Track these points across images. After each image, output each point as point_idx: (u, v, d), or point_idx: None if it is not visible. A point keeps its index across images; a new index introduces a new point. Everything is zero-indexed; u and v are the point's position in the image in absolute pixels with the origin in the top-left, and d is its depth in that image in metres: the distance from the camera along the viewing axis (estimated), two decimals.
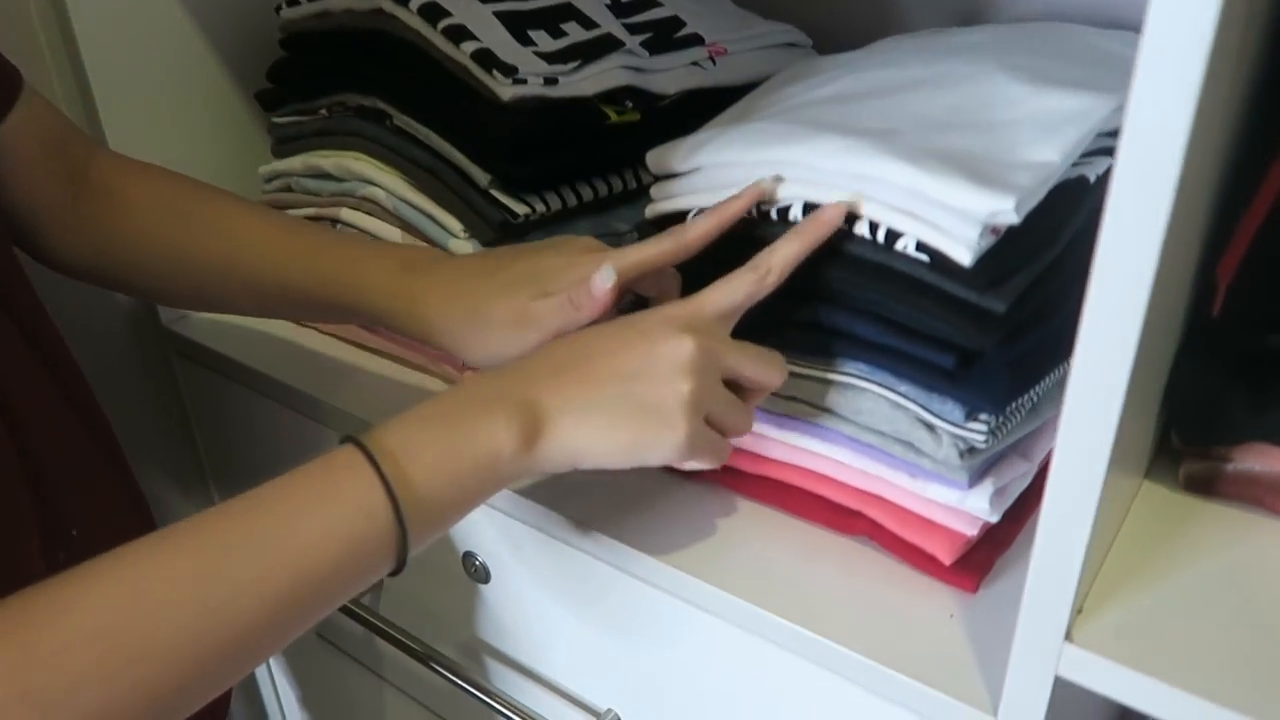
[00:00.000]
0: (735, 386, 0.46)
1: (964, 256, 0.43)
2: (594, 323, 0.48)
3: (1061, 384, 0.50)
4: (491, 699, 0.60)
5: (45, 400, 0.49)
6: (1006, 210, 0.42)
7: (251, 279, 0.56)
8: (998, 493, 0.47)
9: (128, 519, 0.56)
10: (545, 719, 0.59)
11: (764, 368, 0.47)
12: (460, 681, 0.61)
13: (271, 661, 0.91)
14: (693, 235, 0.49)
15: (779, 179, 0.48)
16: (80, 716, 0.33)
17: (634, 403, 0.43)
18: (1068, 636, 0.37)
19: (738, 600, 0.47)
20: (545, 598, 0.58)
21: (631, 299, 0.53)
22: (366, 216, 0.66)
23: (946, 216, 0.43)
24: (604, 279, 0.47)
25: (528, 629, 0.61)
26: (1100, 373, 0.32)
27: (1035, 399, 0.48)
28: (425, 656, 0.62)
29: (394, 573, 0.41)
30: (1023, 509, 0.50)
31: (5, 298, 0.49)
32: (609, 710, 0.59)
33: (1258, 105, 0.42)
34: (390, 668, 0.75)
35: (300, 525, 0.38)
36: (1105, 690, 0.37)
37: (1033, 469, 0.50)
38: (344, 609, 0.67)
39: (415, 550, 0.41)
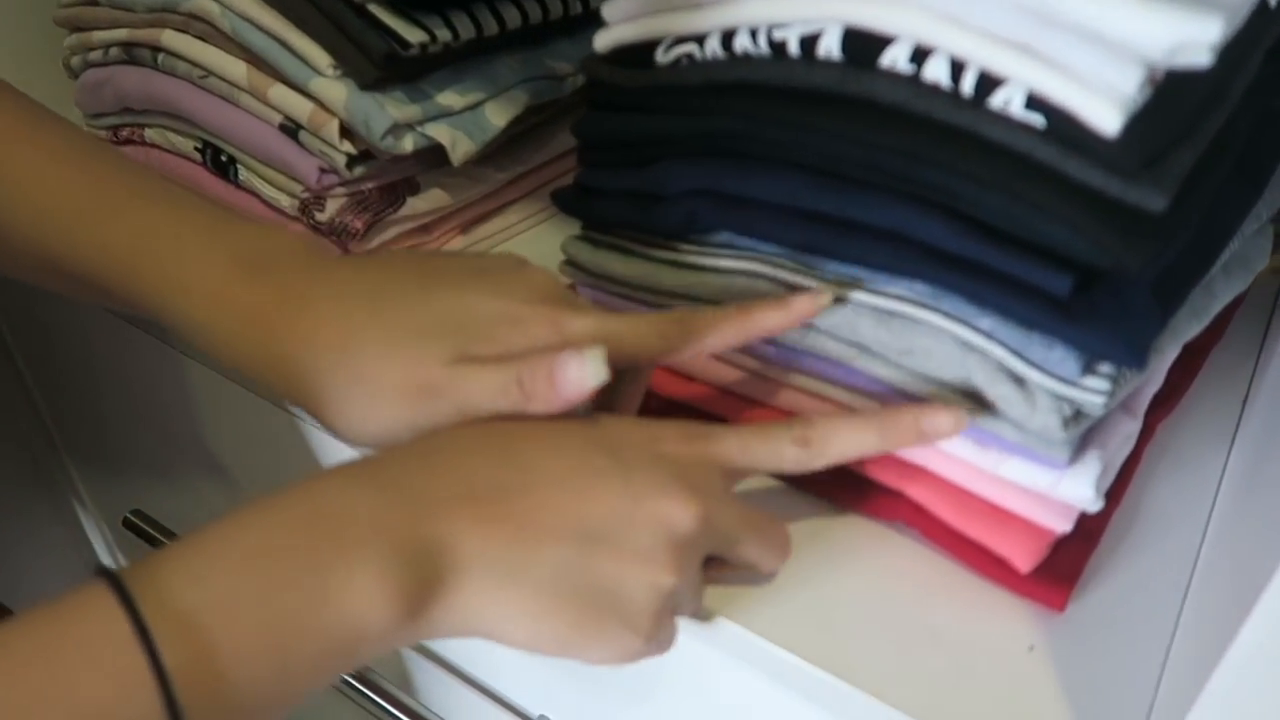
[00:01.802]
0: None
1: (1111, 120, 0.26)
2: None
3: (1186, 304, 0.35)
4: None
5: None
6: (1203, 43, 0.25)
7: (7, 235, 0.35)
8: (1105, 472, 0.32)
9: None
10: None
11: (769, 552, 0.32)
12: (389, 701, 0.46)
13: None
14: (712, 339, 0.32)
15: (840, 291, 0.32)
16: None
17: (588, 581, 0.27)
18: None
19: (726, 622, 0.33)
20: None
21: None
22: (197, 42, 0.46)
23: (1085, 51, 0.27)
24: (590, 373, 0.29)
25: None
26: None
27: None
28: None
29: None
30: (1119, 484, 0.36)
31: None
32: (541, 716, 0.45)
33: None
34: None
35: None
36: None
37: (1138, 426, 0.35)
38: None
39: None
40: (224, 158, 0.49)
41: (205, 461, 0.56)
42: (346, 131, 0.44)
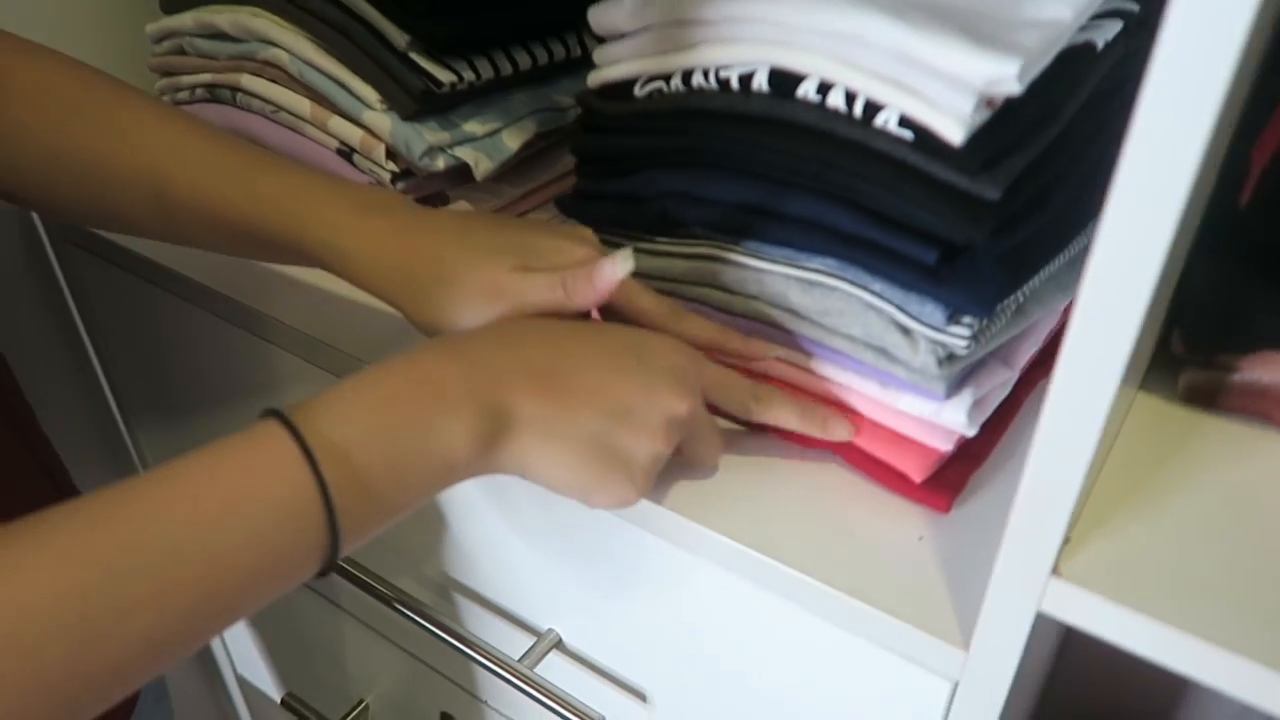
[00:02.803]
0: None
1: (955, 134, 0.37)
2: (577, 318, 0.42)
3: (1053, 280, 0.45)
4: (448, 635, 0.55)
5: None
6: (1008, 77, 0.35)
7: (167, 195, 0.46)
8: (976, 404, 0.42)
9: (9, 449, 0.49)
10: (488, 643, 0.55)
11: (714, 450, 0.44)
12: (424, 622, 0.56)
13: None
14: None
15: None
16: None
17: (609, 444, 0.38)
18: (1054, 570, 0.33)
19: (685, 521, 0.42)
20: (495, 521, 0.53)
21: None
22: (270, 84, 0.58)
23: (936, 85, 0.37)
24: (617, 268, 0.41)
25: (479, 555, 0.56)
26: (1124, 271, 0.26)
27: (1022, 299, 0.42)
28: (388, 598, 0.57)
29: (318, 576, 0.35)
30: (1000, 421, 0.45)
31: None
32: (550, 630, 0.55)
33: None
34: (348, 599, 0.70)
35: (215, 532, 0.31)
36: (1093, 628, 0.33)
37: (1014, 377, 0.45)
38: None
39: (343, 556, 0.35)
40: None
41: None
42: (391, 154, 0.55)
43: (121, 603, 0.30)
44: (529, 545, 0.52)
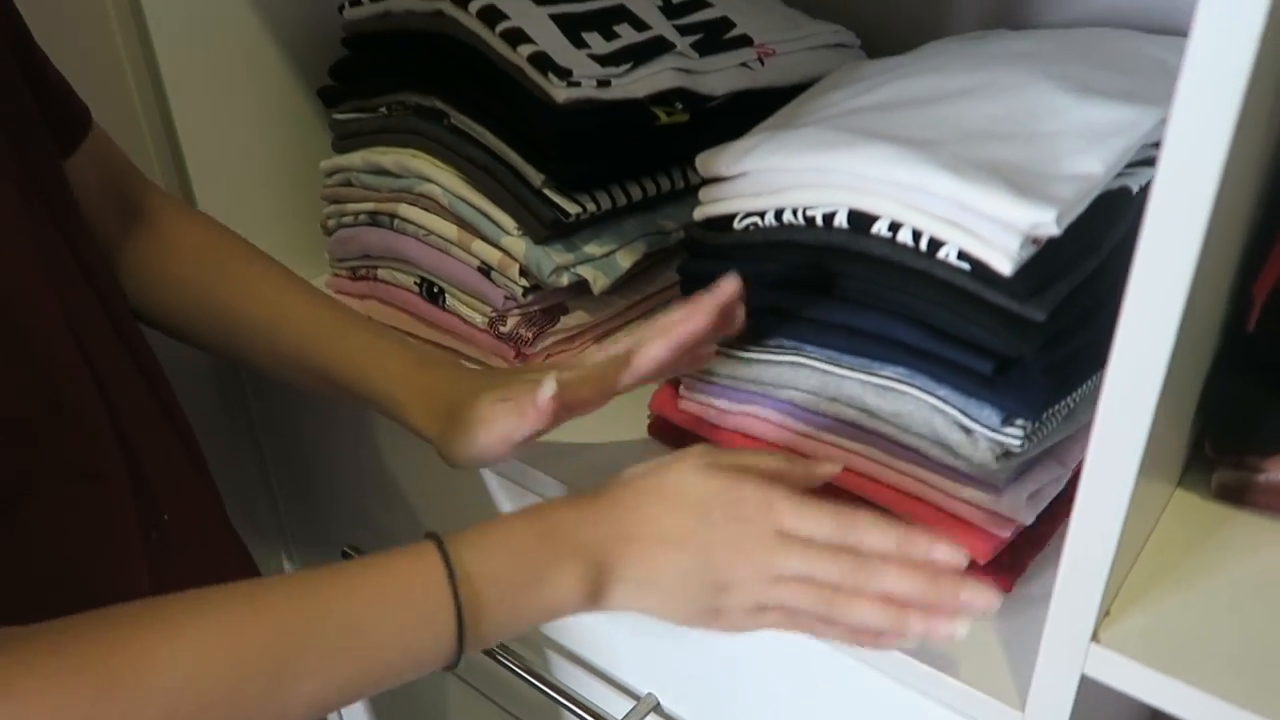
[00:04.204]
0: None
1: (1004, 266, 0.44)
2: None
3: (1098, 391, 0.51)
4: (548, 688, 0.62)
5: (141, 402, 0.53)
6: (1047, 222, 0.43)
7: (279, 345, 0.59)
8: (1032, 496, 0.48)
9: (208, 512, 0.59)
10: (592, 702, 0.62)
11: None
12: (525, 674, 0.63)
13: None
14: (643, 365, 0.51)
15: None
16: None
17: (691, 588, 0.44)
18: (1094, 637, 0.38)
19: None
20: None
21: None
22: (424, 212, 0.69)
23: (988, 226, 0.44)
24: (546, 390, 0.49)
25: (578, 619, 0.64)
26: (1134, 381, 0.33)
27: (1071, 405, 0.49)
28: (493, 652, 0.65)
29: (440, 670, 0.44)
30: (1057, 512, 0.51)
31: (115, 318, 0.53)
32: (649, 694, 0.61)
33: None
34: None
35: (373, 625, 0.41)
36: (1129, 690, 0.38)
37: (1067, 474, 0.51)
38: None
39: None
40: (436, 289, 0.70)
41: (399, 505, 0.75)
42: (523, 272, 0.65)
43: (300, 666, 0.39)
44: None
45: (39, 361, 0.45)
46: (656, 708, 0.61)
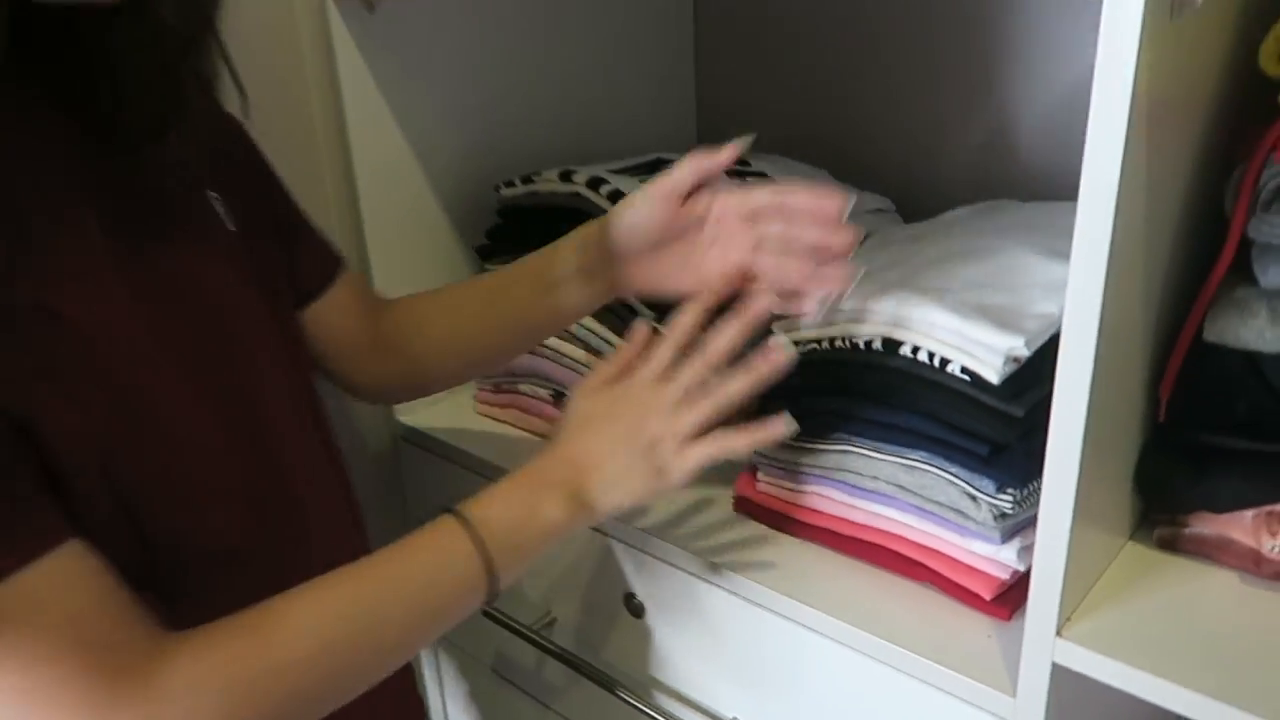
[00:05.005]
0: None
1: (993, 377, 0.63)
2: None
3: None
4: (652, 710, 0.79)
5: (327, 479, 0.69)
6: (1019, 346, 0.61)
7: (517, 318, 0.78)
8: (1024, 548, 0.65)
9: (350, 534, 0.74)
10: None
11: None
12: (645, 708, 0.80)
13: (446, 695, 1.11)
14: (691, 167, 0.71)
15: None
16: (270, 702, 0.50)
17: (638, 469, 0.63)
18: (1059, 633, 0.55)
19: (837, 621, 0.66)
20: (689, 625, 0.78)
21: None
22: (559, 340, 0.90)
23: (981, 350, 0.63)
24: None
25: (670, 652, 0.80)
26: (1062, 462, 0.51)
27: None
28: (612, 683, 0.81)
29: (485, 603, 0.60)
30: None
31: (312, 402, 0.70)
32: (734, 718, 0.77)
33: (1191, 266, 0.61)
34: (557, 697, 0.94)
35: (419, 573, 0.58)
36: (1085, 670, 0.54)
37: None
38: (534, 643, 0.87)
39: (502, 589, 0.60)
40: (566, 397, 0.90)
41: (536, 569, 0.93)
42: None
43: (374, 621, 0.56)
44: (709, 634, 0.75)
45: (270, 444, 0.60)
46: None
